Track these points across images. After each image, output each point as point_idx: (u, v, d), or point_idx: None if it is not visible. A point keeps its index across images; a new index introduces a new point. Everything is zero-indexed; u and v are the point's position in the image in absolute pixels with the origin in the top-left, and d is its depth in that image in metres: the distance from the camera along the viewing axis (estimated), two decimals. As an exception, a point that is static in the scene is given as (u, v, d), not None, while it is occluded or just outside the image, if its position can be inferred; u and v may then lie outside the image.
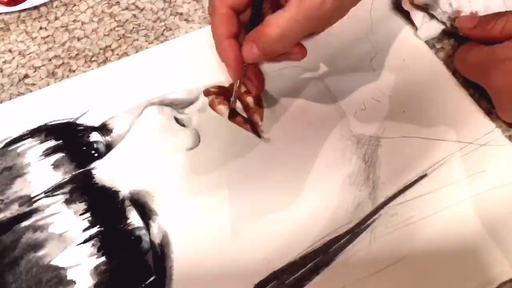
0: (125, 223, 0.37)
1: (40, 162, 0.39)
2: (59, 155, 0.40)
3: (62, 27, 0.47)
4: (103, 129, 0.41)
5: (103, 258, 0.35)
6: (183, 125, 0.40)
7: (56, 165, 0.39)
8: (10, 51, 0.46)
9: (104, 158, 0.39)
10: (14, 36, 0.47)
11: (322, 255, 0.35)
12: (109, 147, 0.40)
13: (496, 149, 0.38)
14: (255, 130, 0.40)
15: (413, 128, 0.40)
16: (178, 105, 0.42)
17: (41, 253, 0.36)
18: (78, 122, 0.41)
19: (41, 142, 0.40)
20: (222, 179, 0.38)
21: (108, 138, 0.40)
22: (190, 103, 0.42)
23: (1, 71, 0.45)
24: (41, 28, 0.47)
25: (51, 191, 0.38)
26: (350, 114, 0.41)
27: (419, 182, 0.37)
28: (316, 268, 0.34)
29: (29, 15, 0.48)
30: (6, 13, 0.47)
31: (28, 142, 0.40)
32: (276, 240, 0.35)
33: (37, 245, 0.36)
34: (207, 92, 0.42)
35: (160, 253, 0.36)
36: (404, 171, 0.38)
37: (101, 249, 0.36)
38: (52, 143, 0.40)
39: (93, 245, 0.36)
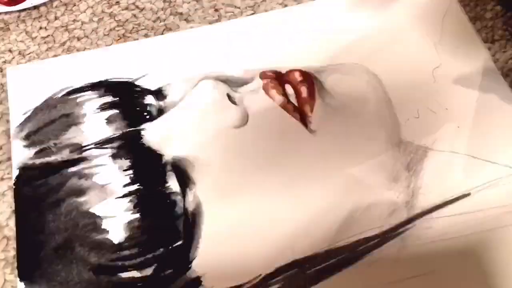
0: (164, 186, 0.38)
1: (96, 115, 0.41)
2: (114, 111, 0.41)
3: (62, 27, 0.47)
4: (158, 93, 0.42)
5: (137, 215, 0.37)
6: (234, 102, 0.41)
7: (109, 120, 0.41)
8: (10, 51, 0.46)
9: (155, 121, 0.41)
10: (14, 36, 0.47)
11: (348, 253, 0.35)
12: (161, 111, 0.41)
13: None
14: (303, 119, 0.40)
15: (464, 144, 0.39)
16: (233, 83, 0.42)
17: (82, 199, 0.38)
18: (136, 83, 0.43)
19: (100, 96, 0.42)
20: (262, 161, 0.39)
21: (161, 103, 0.42)
22: (245, 82, 0.42)
23: (1, 71, 0.45)
24: (41, 28, 0.47)
25: (101, 144, 0.40)
26: (402, 120, 0.40)
27: (461, 200, 0.36)
28: (339, 265, 0.34)
29: (29, 15, 0.47)
30: (6, 13, 0.47)
31: (88, 94, 0.42)
32: (305, 230, 0.36)
33: (80, 192, 0.38)
34: (263, 75, 0.42)
35: (191, 221, 0.37)
36: (447, 186, 0.37)
37: (137, 206, 0.37)
38: (109, 99, 0.42)
39: (130, 201, 0.37)
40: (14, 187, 0.39)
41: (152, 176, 0.38)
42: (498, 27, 0.45)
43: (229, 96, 0.41)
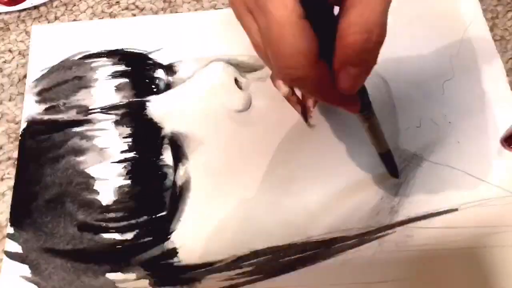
0: (158, 158, 0.39)
1: (107, 81, 0.43)
2: (125, 80, 0.43)
3: None
4: (169, 69, 0.43)
5: (128, 181, 0.38)
6: (240, 87, 0.41)
7: (118, 88, 0.42)
8: (10, 51, 0.46)
9: (161, 95, 0.42)
10: (14, 36, 0.46)
11: (324, 248, 0.35)
12: (168, 86, 0.42)
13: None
14: (304, 113, 0.40)
15: (461, 161, 0.38)
16: (242, 68, 0.43)
17: (80, 158, 0.39)
18: (150, 56, 0.44)
19: (113, 64, 0.43)
20: (259, 148, 0.39)
21: (170, 78, 0.43)
22: (254, 69, 0.43)
23: (1, 71, 0.45)
24: None
25: (106, 109, 0.41)
26: (403, 127, 0.40)
27: (448, 214, 0.36)
28: (313, 258, 0.35)
29: (29, 15, 0.47)
30: (6, 13, 0.47)
31: (103, 61, 0.44)
32: (286, 219, 0.36)
33: (80, 151, 0.39)
34: (273, 65, 0.43)
35: (178, 194, 0.38)
36: (436, 198, 0.37)
37: (130, 173, 0.38)
38: (122, 67, 0.43)
39: (124, 167, 0.39)
40: (20, 138, 0.41)
41: (149, 146, 0.39)
42: (498, 27, 0.44)
43: (236, 80, 0.42)
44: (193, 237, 0.36)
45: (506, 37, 0.44)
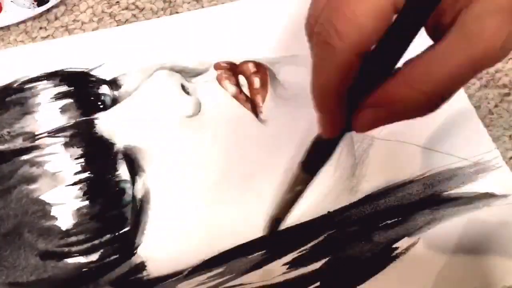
0: (114, 174, 0.38)
1: (50, 104, 0.42)
2: (68, 100, 0.42)
3: (62, 27, 0.47)
4: (113, 83, 0.43)
5: (86, 202, 0.37)
6: (187, 93, 0.41)
7: (63, 109, 0.41)
8: None
9: (108, 110, 0.41)
10: (14, 36, 0.46)
11: (288, 241, 0.36)
12: (115, 101, 0.42)
13: (492, 170, 0.38)
14: (255, 109, 0.41)
15: (411, 134, 0.39)
16: (187, 73, 0.43)
17: (33, 186, 0.38)
18: (92, 73, 0.43)
19: (55, 86, 0.42)
20: (215, 150, 0.39)
21: (116, 92, 0.42)
22: (199, 73, 0.43)
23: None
24: (41, 28, 0.47)
25: (54, 132, 0.40)
26: (350, 110, 0.41)
27: (404, 187, 0.37)
28: (280, 252, 0.35)
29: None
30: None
31: (43, 83, 0.43)
32: (248, 216, 0.36)
33: (31, 179, 0.38)
34: (217, 66, 0.43)
35: (138, 208, 0.37)
36: (392, 174, 0.38)
37: (87, 194, 0.38)
38: (64, 88, 0.42)
39: (80, 188, 0.38)
40: (-35, 174, 0.39)
41: (103, 164, 0.39)
42: None
43: (183, 86, 0.42)
44: (159, 248, 0.36)
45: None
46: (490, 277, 0.34)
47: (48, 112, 0.41)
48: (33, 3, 0.46)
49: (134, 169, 0.38)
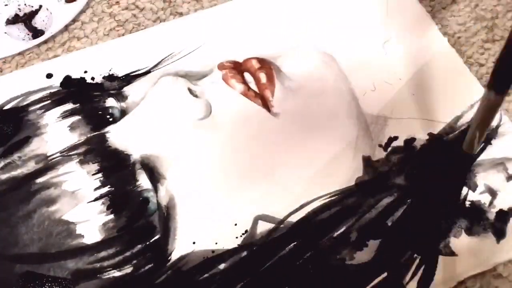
0: (134, 184, 0.38)
1: (58, 123, 0.41)
2: (76, 117, 0.41)
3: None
4: (119, 95, 0.42)
5: (111, 216, 0.37)
6: (196, 96, 0.41)
7: (72, 127, 0.41)
8: None
9: (118, 123, 0.41)
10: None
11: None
12: (123, 113, 0.41)
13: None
14: (265, 104, 0.41)
15: (420, 110, 0.40)
16: (192, 77, 0.43)
17: (53, 208, 0.37)
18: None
19: (59, 104, 0.42)
20: (230, 148, 0.39)
21: (123, 104, 0.42)
22: (204, 75, 0.43)
23: (1, 71, 0.45)
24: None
25: (66, 151, 0.40)
26: (360, 94, 0.41)
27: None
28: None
29: None
30: None
31: (47, 104, 0.42)
32: (275, 211, 0.37)
33: (50, 201, 0.38)
34: (221, 66, 0.43)
35: (166, 214, 0.37)
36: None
37: (110, 207, 0.37)
38: (69, 106, 0.42)
39: (103, 203, 0.37)
40: (-19, 205, 0.38)
41: (122, 176, 0.38)
42: (498, 27, 0.45)
43: (190, 90, 0.41)
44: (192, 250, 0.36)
45: (506, 37, 0.46)
46: None
47: (57, 131, 0.41)
48: (28, 35, 0.46)
49: (155, 177, 0.38)
